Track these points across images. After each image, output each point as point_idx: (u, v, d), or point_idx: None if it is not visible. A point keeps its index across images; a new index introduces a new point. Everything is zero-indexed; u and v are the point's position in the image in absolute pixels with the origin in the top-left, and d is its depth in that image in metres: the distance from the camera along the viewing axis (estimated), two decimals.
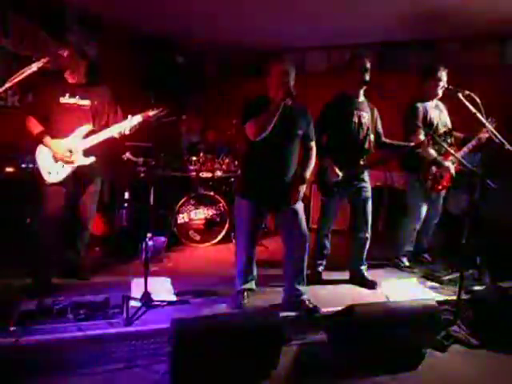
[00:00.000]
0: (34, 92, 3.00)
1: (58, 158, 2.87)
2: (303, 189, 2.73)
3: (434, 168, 3.42)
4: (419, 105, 3.45)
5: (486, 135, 3.30)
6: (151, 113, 2.94)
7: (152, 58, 5.33)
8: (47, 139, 2.87)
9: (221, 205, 4.36)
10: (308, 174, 2.77)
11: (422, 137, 3.31)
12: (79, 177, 2.98)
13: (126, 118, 2.97)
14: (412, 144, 3.22)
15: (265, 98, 2.67)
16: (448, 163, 3.40)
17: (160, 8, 4.24)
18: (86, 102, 2.99)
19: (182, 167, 4.60)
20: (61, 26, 4.38)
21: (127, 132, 2.96)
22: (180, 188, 4.58)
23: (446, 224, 3.81)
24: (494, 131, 3.12)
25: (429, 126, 3.41)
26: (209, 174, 4.53)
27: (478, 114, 3.00)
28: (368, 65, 3.04)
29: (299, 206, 2.76)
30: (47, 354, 2.18)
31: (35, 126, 2.90)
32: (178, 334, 1.98)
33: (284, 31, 4.86)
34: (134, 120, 2.94)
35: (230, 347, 2.09)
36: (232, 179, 4.67)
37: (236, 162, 4.65)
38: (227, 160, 4.65)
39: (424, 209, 3.58)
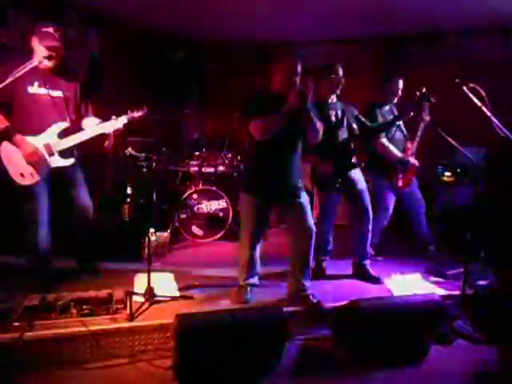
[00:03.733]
0: None
1: (32, 160, 2.57)
2: None
3: (399, 167, 3.50)
4: (377, 109, 3.47)
5: (428, 118, 3.34)
6: (136, 114, 2.72)
7: (153, 55, 5.31)
8: (18, 137, 2.54)
9: (224, 200, 4.35)
10: None
11: (384, 140, 3.42)
12: (58, 178, 2.70)
13: (109, 116, 2.71)
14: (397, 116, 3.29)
15: (265, 94, 2.64)
16: (410, 158, 3.49)
17: (161, 4, 4.21)
18: (59, 94, 2.66)
19: (184, 162, 4.58)
20: (61, 20, 4.36)
21: (111, 134, 2.74)
22: (182, 183, 4.56)
23: (450, 218, 3.78)
24: (500, 124, 3.07)
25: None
26: (211, 169, 4.51)
27: (483, 108, 2.97)
28: (340, 71, 3.07)
29: (305, 200, 2.74)
30: (50, 349, 2.19)
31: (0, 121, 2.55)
32: (182, 329, 1.99)
33: (284, 24, 4.81)
34: (119, 122, 2.70)
35: (233, 342, 2.09)
36: (235, 174, 4.65)
37: (239, 157, 4.63)
38: (230, 155, 4.63)
39: (391, 199, 3.59)
